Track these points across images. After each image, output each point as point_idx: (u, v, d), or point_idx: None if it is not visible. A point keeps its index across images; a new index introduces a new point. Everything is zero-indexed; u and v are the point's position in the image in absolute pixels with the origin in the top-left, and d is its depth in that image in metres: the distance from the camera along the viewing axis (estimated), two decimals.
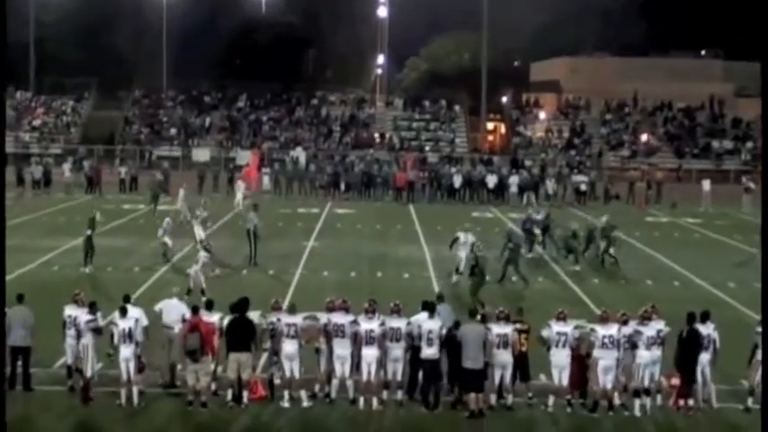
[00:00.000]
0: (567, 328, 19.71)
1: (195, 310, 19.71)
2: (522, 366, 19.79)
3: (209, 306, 20.22)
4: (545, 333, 19.69)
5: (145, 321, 19.66)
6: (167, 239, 33.14)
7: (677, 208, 53.41)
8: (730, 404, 19.85)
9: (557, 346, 19.59)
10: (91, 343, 19.16)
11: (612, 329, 19.49)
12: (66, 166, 55.97)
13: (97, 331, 19.36)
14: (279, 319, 19.64)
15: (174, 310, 20.27)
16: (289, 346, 19.49)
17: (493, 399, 19.47)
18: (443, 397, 19.55)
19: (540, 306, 22.54)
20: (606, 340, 19.35)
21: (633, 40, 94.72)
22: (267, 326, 19.68)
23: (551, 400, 19.58)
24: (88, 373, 19.10)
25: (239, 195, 48.68)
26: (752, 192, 53.96)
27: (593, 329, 19.74)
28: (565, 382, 19.60)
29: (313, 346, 19.74)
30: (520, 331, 19.81)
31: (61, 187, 53.50)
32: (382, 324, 19.50)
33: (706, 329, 19.78)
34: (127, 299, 20.34)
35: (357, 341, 19.44)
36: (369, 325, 19.45)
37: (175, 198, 43.93)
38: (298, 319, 19.67)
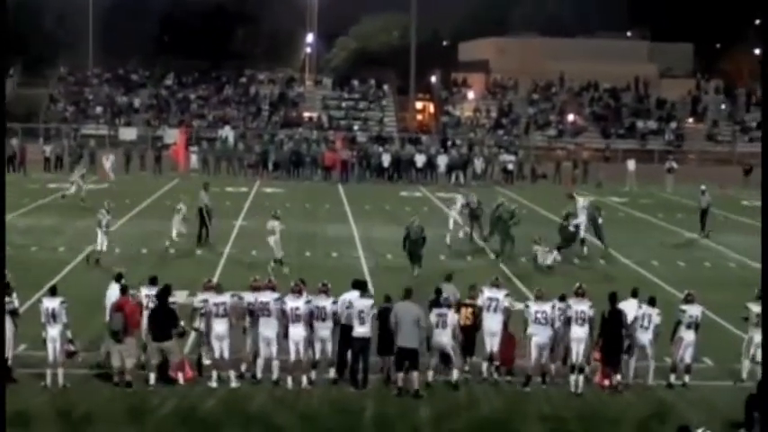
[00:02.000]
0: (499, 294, 20.01)
1: (123, 291, 19.49)
2: (468, 342, 19.99)
3: (153, 281, 20.16)
4: (479, 302, 19.96)
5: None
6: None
7: (603, 187, 53.95)
8: (655, 381, 20.03)
9: (488, 310, 19.84)
10: (9, 325, 18.83)
11: (546, 306, 19.70)
12: None
13: (14, 313, 19.05)
14: (207, 300, 19.47)
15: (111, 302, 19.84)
16: (219, 326, 19.31)
17: (430, 376, 19.57)
18: (372, 375, 19.57)
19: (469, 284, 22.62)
20: (539, 316, 19.56)
21: (561, 21, 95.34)
22: (198, 305, 19.53)
23: (485, 365, 19.84)
24: (8, 355, 18.81)
25: (107, 166, 49.58)
26: (675, 171, 54.85)
27: (527, 305, 19.98)
28: (495, 348, 19.83)
29: (240, 326, 19.64)
30: (468, 306, 20.06)
31: None
32: (308, 302, 19.39)
33: (648, 310, 19.91)
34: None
35: (284, 320, 19.36)
36: (294, 303, 19.33)
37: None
38: (226, 298, 19.51)
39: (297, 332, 19.30)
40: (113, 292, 19.88)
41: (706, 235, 38.05)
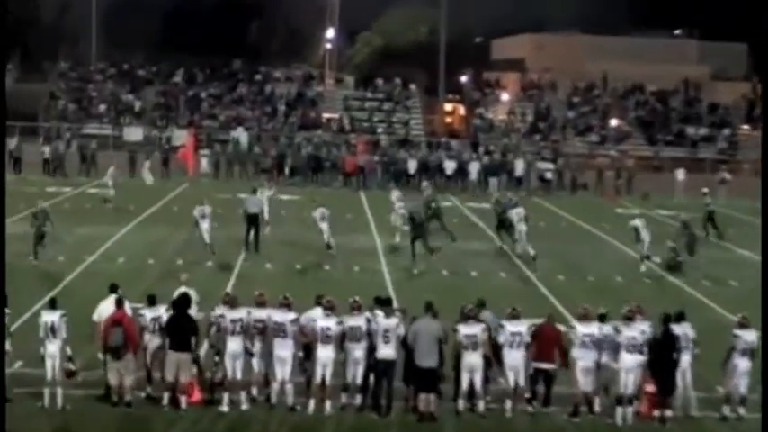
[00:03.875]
0: (522, 327, 19.62)
1: (119, 304, 19.37)
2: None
3: (152, 301, 19.90)
4: (501, 338, 19.59)
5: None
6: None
7: (649, 199, 53.68)
8: (706, 412, 19.84)
9: (510, 346, 19.48)
10: None
11: (593, 328, 19.44)
12: None
13: None
14: (223, 315, 19.25)
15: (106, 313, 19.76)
16: (234, 344, 19.15)
17: (461, 404, 19.36)
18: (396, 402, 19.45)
19: (500, 303, 22.39)
20: (586, 339, 19.32)
21: (603, 17, 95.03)
22: (214, 320, 19.34)
23: (509, 404, 19.49)
24: None
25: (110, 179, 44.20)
26: (728, 182, 54.49)
27: (572, 327, 19.79)
28: (522, 382, 19.53)
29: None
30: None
31: None
32: (340, 323, 19.17)
33: (681, 329, 19.70)
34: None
35: (304, 339, 19.22)
36: (326, 323, 19.11)
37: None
38: (242, 314, 19.29)
39: (325, 354, 19.05)
40: (107, 306, 19.75)
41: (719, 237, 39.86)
